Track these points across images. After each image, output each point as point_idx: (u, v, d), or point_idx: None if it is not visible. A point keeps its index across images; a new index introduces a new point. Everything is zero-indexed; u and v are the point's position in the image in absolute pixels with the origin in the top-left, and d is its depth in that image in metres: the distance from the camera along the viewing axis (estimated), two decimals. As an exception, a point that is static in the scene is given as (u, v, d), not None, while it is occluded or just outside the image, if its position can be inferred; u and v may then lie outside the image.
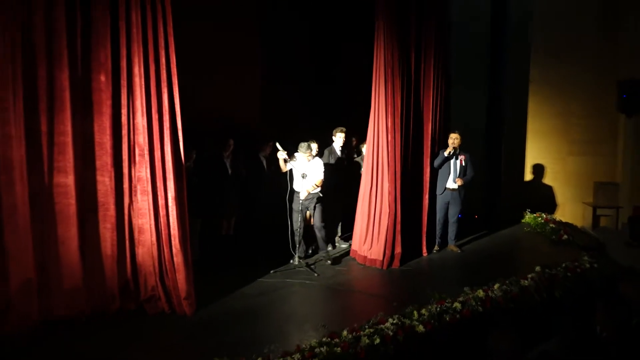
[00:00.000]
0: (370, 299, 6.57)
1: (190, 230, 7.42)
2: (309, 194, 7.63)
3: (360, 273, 7.49)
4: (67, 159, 5.46)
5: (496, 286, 6.40)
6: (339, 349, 4.81)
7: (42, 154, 5.38)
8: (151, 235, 5.85)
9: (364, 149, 8.62)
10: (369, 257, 7.79)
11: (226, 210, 8.05)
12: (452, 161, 8.19)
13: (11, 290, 5.28)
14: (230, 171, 7.88)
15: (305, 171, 7.39)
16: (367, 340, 4.99)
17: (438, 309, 5.74)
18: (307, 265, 7.44)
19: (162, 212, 5.82)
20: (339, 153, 8.47)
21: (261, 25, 11.01)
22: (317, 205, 7.80)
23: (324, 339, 4.94)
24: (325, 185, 7.80)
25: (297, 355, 4.66)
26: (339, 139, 8.40)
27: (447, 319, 5.70)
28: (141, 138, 5.76)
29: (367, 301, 6.51)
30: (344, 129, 8.45)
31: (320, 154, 8.44)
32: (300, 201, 7.57)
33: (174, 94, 5.86)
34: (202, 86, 9.77)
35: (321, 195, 7.82)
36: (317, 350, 4.76)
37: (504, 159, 11.17)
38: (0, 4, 5.04)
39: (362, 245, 7.89)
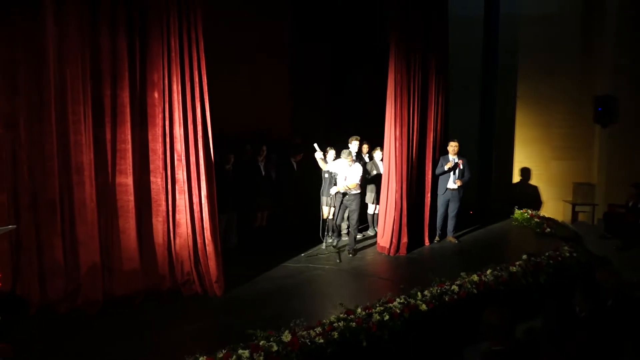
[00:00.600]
0: (381, 281, 6.56)
1: (228, 223, 7.55)
2: (349, 194, 7.52)
3: (372, 259, 7.49)
4: (127, 163, 5.54)
5: (488, 271, 6.34)
6: (354, 323, 4.83)
7: (107, 159, 5.47)
8: (187, 228, 5.84)
9: (375, 154, 8.68)
10: (380, 244, 7.86)
11: (259, 205, 8.10)
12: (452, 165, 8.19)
13: (81, 272, 5.40)
14: (263, 172, 7.93)
15: (344, 173, 7.41)
16: (377, 317, 5.00)
17: (438, 291, 5.72)
18: (337, 249, 7.61)
19: (196, 208, 5.84)
20: (354, 157, 8.46)
21: (289, 53, 11.48)
22: (357, 207, 7.64)
23: (341, 315, 4.95)
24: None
25: (319, 329, 4.68)
26: (354, 146, 8.41)
27: (446, 299, 5.69)
28: (178, 145, 5.75)
29: (378, 283, 6.50)
30: (359, 137, 8.50)
31: (338, 159, 8.47)
32: (339, 198, 7.57)
33: (206, 107, 5.86)
34: (243, 104, 10.21)
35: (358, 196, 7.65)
36: (335, 324, 4.77)
37: (495, 163, 11.16)
38: (73, 30, 5.15)
39: (381, 237, 7.92)
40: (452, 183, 8.22)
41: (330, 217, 8.10)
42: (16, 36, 4.96)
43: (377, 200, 8.69)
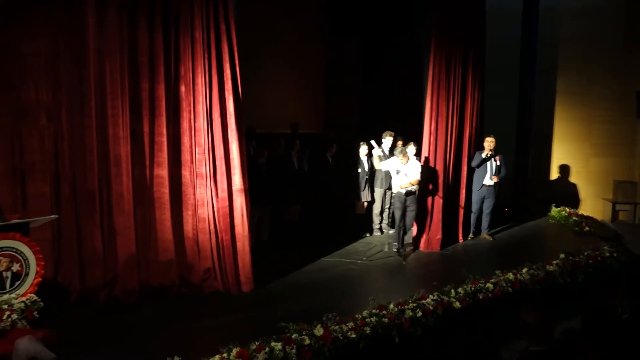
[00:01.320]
0: (413, 277, 6.50)
1: (261, 217, 7.60)
2: (409, 192, 7.21)
3: (405, 255, 7.40)
4: (163, 156, 5.61)
5: (524, 270, 6.21)
6: (386, 319, 4.80)
7: (144, 151, 5.56)
8: (209, 224, 5.78)
9: (409, 149, 8.57)
10: (414, 240, 7.84)
11: (292, 199, 8.12)
12: (488, 161, 8.03)
13: (119, 262, 5.52)
14: (296, 166, 7.93)
15: (402, 169, 7.14)
16: (410, 313, 4.96)
17: (472, 289, 5.63)
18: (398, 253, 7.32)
19: (222, 204, 5.70)
20: (387, 153, 8.42)
21: (323, 48, 11.75)
22: (416, 207, 7.37)
23: (373, 311, 4.93)
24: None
25: (351, 324, 4.67)
26: (387, 141, 8.37)
27: (481, 297, 5.60)
28: (202, 139, 5.68)
29: (411, 280, 6.44)
30: (392, 133, 8.45)
31: (370, 154, 8.43)
32: (399, 197, 7.24)
33: (239, 100, 5.78)
34: (277, 99, 10.37)
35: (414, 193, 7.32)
36: (367, 320, 4.76)
37: (532, 159, 10.84)
38: (112, 26, 5.25)
39: (415, 233, 7.88)
40: (488, 179, 8.07)
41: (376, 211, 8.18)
42: (59, 32, 5.10)
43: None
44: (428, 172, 7.59)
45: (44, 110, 5.15)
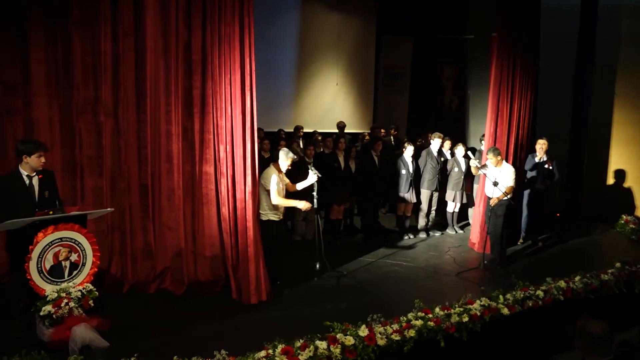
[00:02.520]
0: (460, 281, 6.38)
1: (306, 215, 7.63)
2: (499, 200, 6.76)
3: (450, 259, 7.29)
4: (211, 152, 5.68)
5: (577, 278, 6.01)
6: (432, 323, 4.74)
7: (194, 148, 5.67)
8: (230, 224, 5.61)
9: (457, 150, 8.46)
10: (471, 240, 7.85)
11: (339, 198, 8.09)
12: (541, 165, 7.79)
13: (169, 256, 5.67)
14: (343, 165, 7.91)
15: (497, 179, 6.68)
16: (457, 318, 4.87)
17: (522, 295, 5.48)
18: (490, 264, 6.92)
19: (239, 205, 5.52)
20: (435, 154, 8.31)
21: (375, 47, 11.79)
22: (503, 212, 6.87)
23: (419, 314, 4.87)
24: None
25: (396, 326, 4.63)
26: (436, 143, 8.29)
27: (530, 304, 5.44)
28: (224, 137, 5.58)
29: (457, 283, 6.32)
30: (441, 135, 8.36)
31: (417, 155, 8.35)
32: (490, 207, 6.87)
33: (254, 99, 5.58)
34: (326, 97, 10.39)
35: (512, 202, 6.84)
36: (412, 322, 4.71)
37: (587, 164, 10.40)
38: (166, 27, 5.40)
39: (472, 233, 7.83)
40: (540, 184, 7.82)
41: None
42: (120, 33, 5.27)
43: (459, 198, 8.46)
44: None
45: (103, 107, 5.35)
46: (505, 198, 6.73)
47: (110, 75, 5.35)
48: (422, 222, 8.47)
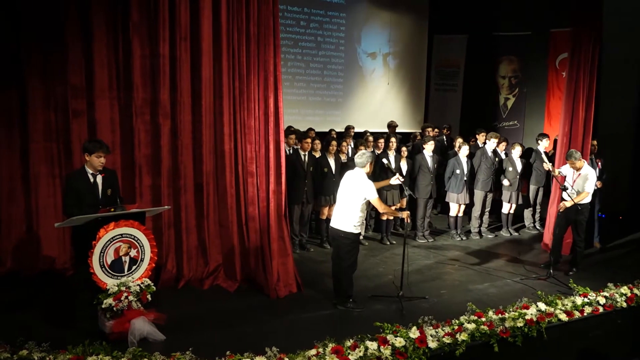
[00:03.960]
0: (515, 284, 6.19)
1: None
2: (572, 204, 6.27)
3: (507, 261, 7.09)
4: (253, 151, 5.73)
5: (641, 284, 5.71)
6: (485, 327, 4.63)
7: (244, 148, 5.75)
8: (257, 222, 5.73)
9: (514, 151, 8.23)
10: (544, 241, 7.69)
11: (389, 198, 8.03)
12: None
13: (222, 253, 5.80)
14: (393, 165, 7.81)
15: (569, 183, 6.47)
16: (511, 322, 4.74)
17: (582, 301, 5.27)
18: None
19: (262, 204, 5.67)
20: (490, 154, 8.12)
21: (428, 46, 11.79)
22: (580, 220, 6.50)
23: (471, 317, 4.77)
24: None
25: (447, 328, 4.56)
26: (491, 143, 8.11)
27: (590, 310, 5.22)
28: (253, 137, 5.69)
29: (512, 285, 6.13)
30: (498, 135, 8.21)
31: (472, 155, 8.19)
32: (559, 211, 6.55)
33: (279, 98, 5.67)
34: (378, 97, 10.38)
35: (579, 207, 6.34)
36: (465, 325, 4.62)
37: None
38: (216, 36, 5.52)
39: (545, 234, 7.67)
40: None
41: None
42: (178, 37, 5.43)
43: (515, 199, 8.23)
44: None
45: (161, 108, 5.53)
46: (585, 201, 6.42)
47: (169, 78, 5.52)
48: (475, 223, 8.29)
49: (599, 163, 7.71)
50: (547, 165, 6.92)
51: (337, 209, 5.32)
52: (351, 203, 5.17)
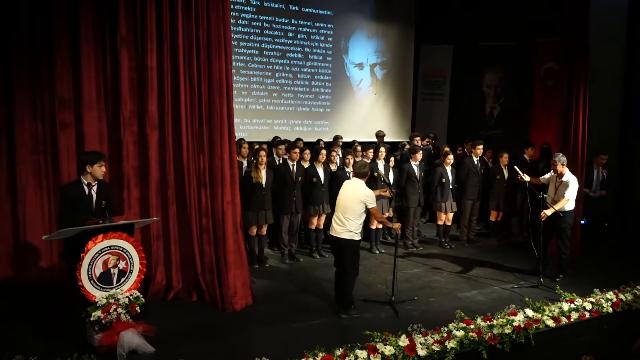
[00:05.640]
0: (504, 292, 6.25)
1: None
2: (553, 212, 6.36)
3: (495, 270, 7.15)
4: (206, 162, 5.62)
5: (627, 289, 5.79)
6: (473, 334, 4.68)
7: (222, 161, 5.59)
8: (210, 235, 5.63)
9: (502, 159, 8.33)
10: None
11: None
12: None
13: (206, 266, 5.75)
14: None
15: (552, 190, 6.60)
16: (499, 329, 4.79)
17: (568, 307, 5.34)
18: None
19: (217, 215, 5.56)
20: (476, 163, 8.25)
21: (414, 56, 11.98)
22: (563, 227, 6.57)
23: (460, 324, 4.82)
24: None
25: (436, 336, 4.60)
26: (477, 151, 8.24)
27: (576, 316, 5.29)
28: (204, 147, 5.59)
29: (501, 294, 6.19)
30: (482, 142, 8.35)
31: (458, 164, 8.28)
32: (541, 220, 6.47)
33: (231, 107, 5.59)
34: (368, 111, 10.29)
35: (561, 214, 6.41)
36: (454, 333, 4.66)
37: (638, 169, 9.96)
38: (175, 45, 5.49)
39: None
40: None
41: None
42: (165, 48, 5.44)
43: (502, 207, 8.32)
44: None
45: (149, 120, 5.53)
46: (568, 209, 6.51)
47: (156, 89, 5.52)
48: (463, 231, 8.36)
49: (604, 173, 7.85)
50: (525, 177, 6.73)
51: (336, 219, 5.37)
52: (352, 212, 5.25)
